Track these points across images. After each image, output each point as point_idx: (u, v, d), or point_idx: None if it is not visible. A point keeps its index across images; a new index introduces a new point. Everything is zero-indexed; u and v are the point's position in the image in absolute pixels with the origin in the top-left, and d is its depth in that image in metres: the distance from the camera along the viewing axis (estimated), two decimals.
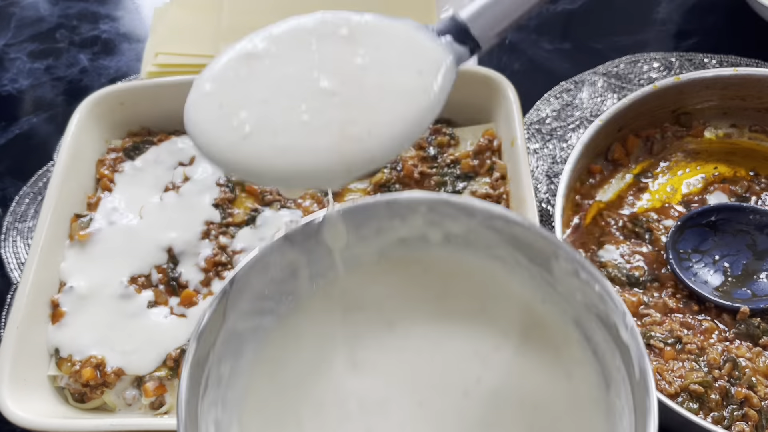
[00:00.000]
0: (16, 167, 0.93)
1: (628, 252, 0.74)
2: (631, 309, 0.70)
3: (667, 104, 0.81)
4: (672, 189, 0.80)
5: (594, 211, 0.79)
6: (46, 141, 0.96)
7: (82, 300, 0.70)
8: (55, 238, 0.73)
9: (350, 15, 0.41)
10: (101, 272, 0.72)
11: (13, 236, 0.86)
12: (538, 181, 0.86)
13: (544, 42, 1.03)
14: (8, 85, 1.03)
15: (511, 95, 0.78)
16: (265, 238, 0.71)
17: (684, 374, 0.64)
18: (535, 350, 0.41)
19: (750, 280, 0.71)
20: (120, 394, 0.67)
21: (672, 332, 0.67)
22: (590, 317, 0.39)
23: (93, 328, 0.69)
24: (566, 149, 0.89)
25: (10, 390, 0.62)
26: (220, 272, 0.71)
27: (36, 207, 0.89)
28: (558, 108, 0.93)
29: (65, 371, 0.67)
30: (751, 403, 0.63)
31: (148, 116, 0.85)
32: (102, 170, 0.80)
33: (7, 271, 0.83)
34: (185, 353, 0.39)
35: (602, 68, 0.97)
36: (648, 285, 0.72)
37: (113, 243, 0.74)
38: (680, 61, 0.97)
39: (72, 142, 0.78)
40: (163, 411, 0.66)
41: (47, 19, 1.13)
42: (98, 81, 1.03)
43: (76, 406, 0.68)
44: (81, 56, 1.07)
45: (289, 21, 0.41)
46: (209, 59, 0.97)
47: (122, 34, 1.10)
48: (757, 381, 0.63)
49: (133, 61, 1.06)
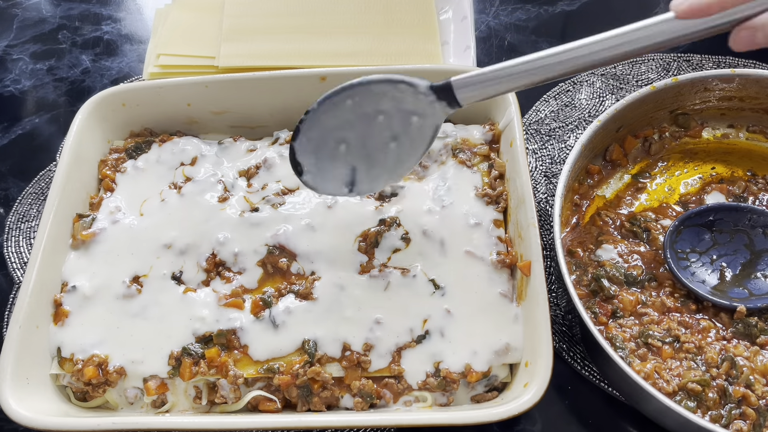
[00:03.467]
0: (18, 167, 0.94)
1: (626, 251, 0.74)
2: (629, 308, 0.70)
3: (665, 105, 0.82)
4: (670, 189, 0.80)
5: (592, 211, 0.79)
6: (48, 141, 0.97)
7: (85, 299, 0.70)
8: (58, 237, 0.73)
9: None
10: (104, 272, 0.72)
11: (15, 236, 0.87)
12: (536, 181, 0.86)
13: (543, 43, 1.03)
14: (11, 85, 1.04)
15: (510, 96, 0.78)
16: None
17: (682, 373, 0.65)
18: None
19: (747, 279, 0.71)
20: (122, 392, 0.67)
21: (670, 331, 0.68)
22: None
23: (96, 327, 0.69)
24: (565, 149, 0.90)
25: (13, 389, 0.63)
26: (221, 272, 0.72)
27: (38, 207, 0.89)
28: (556, 108, 0.94)
29: (67, 370, 0.68)
30: (748, 402, 0.63)
31: (150, 117, 0.86)
32: (104, 170, 0.81)
33: (9, 271, 0.84)
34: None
35: (600, 69, 0.98)
36: (646, 284, 0.72)
37: (115, 242, 0.74)
38: (678, 62, 0.97)
39: (74, 143, 0.79)
40: (164, 409, 0.67)
41: (49, 21, 1.13)
42: (100, 82, 1.04)
43: (78, 405, 0.68)
44: (83, 57, 1.07)
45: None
46: (210, 60, 0.99)
47: (124, 35, 1.11)
48: (755, 380, 0.64)
49: (135, 62, 1.06)
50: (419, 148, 0.62)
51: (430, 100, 0.59)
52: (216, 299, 0.70)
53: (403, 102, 0.60)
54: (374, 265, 0.70)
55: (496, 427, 0.69)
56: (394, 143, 0.62)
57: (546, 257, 0.77)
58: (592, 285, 0.72)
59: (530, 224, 0.68)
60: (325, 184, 0.65)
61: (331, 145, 0.63)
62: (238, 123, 0.87)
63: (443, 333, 0.66)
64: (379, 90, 0.60)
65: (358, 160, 0.63)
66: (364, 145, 0.62)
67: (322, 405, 0.65)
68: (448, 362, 0.65)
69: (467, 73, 0.58)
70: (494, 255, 0.70)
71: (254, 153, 0.82)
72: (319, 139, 0.63)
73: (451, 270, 0.70)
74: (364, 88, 0.60)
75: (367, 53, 0.97)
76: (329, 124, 0.62)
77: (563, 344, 0.73)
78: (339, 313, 0.68)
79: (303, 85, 0.83)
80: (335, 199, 0.75)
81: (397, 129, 0.61)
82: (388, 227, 0.72)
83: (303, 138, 0.63)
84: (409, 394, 0.65)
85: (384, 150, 0.62)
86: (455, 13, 1.02)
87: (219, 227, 0.74)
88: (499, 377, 0.66)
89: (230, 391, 0.66)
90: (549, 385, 0.59)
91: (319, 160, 0.64)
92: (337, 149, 0.63)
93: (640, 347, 0.67)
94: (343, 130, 0.62)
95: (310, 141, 0.63)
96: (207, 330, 0.68)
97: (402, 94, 0.59)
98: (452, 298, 0.68)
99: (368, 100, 0.60)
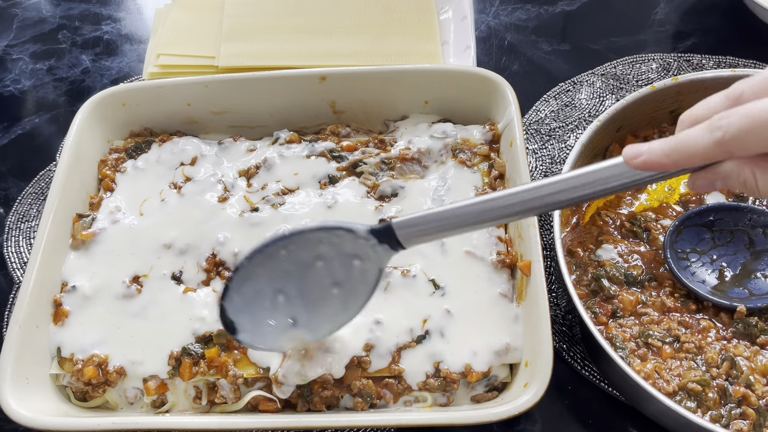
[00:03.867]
0: (18, 167, 0.94)
1: (626, 251, 0.74)
2: (629, 308, 0.70)
3: (665, 105, 0.82)
4: (670, 189, 0.80)
5: (592, 211, 0.79)
6: (48, 141, 0.97)
7: (85, 299, 0.70)
8: (58, 237, 0.73)
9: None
10: (104, 272, 0.72)
11: (15, 236, 0.87)
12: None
13: (543, 43, 1.03)
14: (10, 85, 1.04)
15: (510, 96, 0.78)
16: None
17: (682, 373, 0.65)
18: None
19: (747, 279, 0.71)
20: (122, 392, 0.67)
21: (670, 331, 0.68)
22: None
23: (96, 327, 0.69)
24: (565, 149, 0.90)
25: (13, 389, 0.63)
26: (221, 272, 0.72)
27: (38, 207, 0.89)
28: (557, 108, 0.94)
29: (67, 370, 0.68)
30: (749, 402, 0.63)
31: (150, 117, 0.86)
32: (104, 170, 0.81)
33: (9, 271, 0.84)
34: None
35: (601, 69, 0.98)
36: (646, 284, 0.72)
37: (115, 242, 0.74)
38: (678, 62, 0.97)
39: (74, 143, 0.78)
40: (164, 409, 0.67)
41: (49, 20, 1.13)
42: (100, 82, 1.04)
43: (78, 405, 0.68)
44: (83, 57, 1.07)
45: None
46: (210, 60, 0.99)
47: (124, 35, 1.11)
48: (755, 380, 0.64)
49: (135, 62, 1.06)
50: (364, 292, 0.58)
51: (372, 244, 0.55)
52: (216, 299, 0.70)
53: (342, 246, 0.55)
54: None
55: (496, 427, 0.69)
56: (337, 289, 0.57)
57: (546, 257, 0.77)
58: (592, 285, 0.72)
59: (530, 224, 0.68)
60: (264, 339, 0.60)
61: (268, 298, 0.58)
62: (238, 123, 0.87)
63: (443, 333, 0.66)
64: (315, 237, 0.55)
65: (299, 310, 0.58)
66: (304, 293, 0.57)
67: (322, 405, 0.65)
68: (448, 362, 0.65)
69: (408, 215, 0.54)
70: (494, 255, 0.70)
71: (254, 153, 0.82)
72: (254, 294, 0.58)
73: (451, 270, 0.70)
74: (298, 237, 0.55)
75: (366, 53, 0.97)
76: (263, 276, 0.57)
77: (563, 344, 0.73)
78: None
79: (303, 85, 0.83)
80: (335, 199, 0.75)
81: (338, 274, 0.56)
82: None
83: (234, 296, 0.57)
84: (409, 395, 0.65)
85: (326, 297, 0.58)
86: (455, 13, 1.02)
87: (219, 227, 0.74)
88: (499, 377, 0.66)
89: (230, 391, 0.66)
90: (549, 385, 0.59)
91: (255, 316, 0.59)
92: (275, 300, 0.58)
93: (640, 347, 0.67)
94: (279, 280, 0.57)
95: (242, 297, 0.58)
96: (207, 330, 0.68)
97: (340, 239, 0.55)
98: (452, 298, 0.68)
99: (304, 247, 0.56)
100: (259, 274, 0.57)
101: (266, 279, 0.57)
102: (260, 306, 0.58)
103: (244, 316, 0.58)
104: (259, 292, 0.58)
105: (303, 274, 0.57)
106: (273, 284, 0.57)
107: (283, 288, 0.57)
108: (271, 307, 0.58)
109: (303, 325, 0.59)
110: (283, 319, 0.59)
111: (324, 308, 0.58)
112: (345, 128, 0.84)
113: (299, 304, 0.58)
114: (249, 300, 0.58)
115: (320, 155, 0.80)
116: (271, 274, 0.57)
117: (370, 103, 0.85)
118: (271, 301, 0.58)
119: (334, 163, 0.79)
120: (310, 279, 0.57)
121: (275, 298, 0.58)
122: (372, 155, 0.79)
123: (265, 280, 0.57)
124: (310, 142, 0.82)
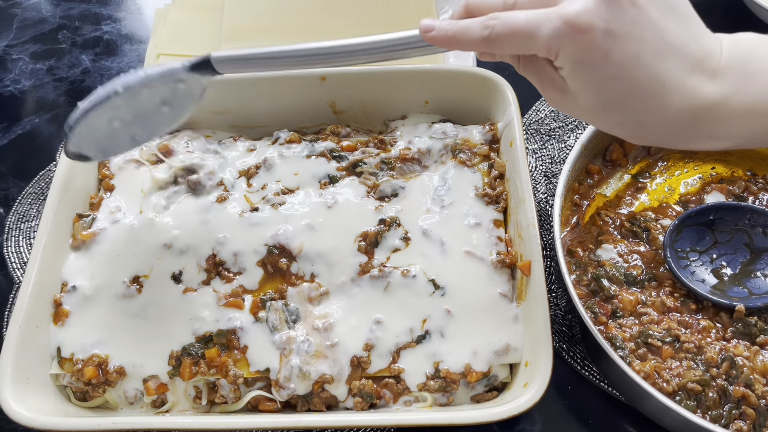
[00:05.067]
0: (18, 167, 0.94)
1: (626, 251, 0.74)
2: (629, 308, 0.70)
3: None
4: (670, 189, 0.80)
5: (592, 211, 0.79)
6: (48, 141, 0.97)
7: (85, 299, 0.70)
8: (58, 237, 0.73)
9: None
10: (104, 272, 0.72)
11: (15, 236, 0.87)
12: (536, 181, 0.86)
13: None
14: (10, 85, 1.04)
15: (510, 96, 0.78)
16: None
17: (682, 373, 0.65)
18: None
19: (747, 278, 0.71)
20: (122, 392, 0.67)
21: (670, 331, 0.68)
22: None
23: (96, 327, 0.69)
24: (565, 149, 0.90)
25: (12, 389, 0.63)
26: (221, 272, 0.72)
27: (38, 207, 0.89)
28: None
29: (67, 370, 0.68)
30: (748, 402, 0.63)
31: None
32: (104, 170, 0.81)
33: (9, 271, 0.84)
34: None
35: None
36: (646, 284, 0.72)
37: (115, 242, 0.74)
38: None
39: None
40: (164, 409, 0.67)
41: (49, 20, 1.13)
42: (100, 82, 1.03)
43: (78, 405, 0.68)
44: (83, 57, 1.07)
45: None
46: None
47: (124, 35, 1.11)
48: (754, 379, 0.64)
49: (135, 62, 1.06)
50: (190, 103, 0.66)
51: (191, 73, 0.64)
52: (216, 299, 0.70)
53: (166, 79, 0.64)
54: (374, 265, 0.70)
55: (496, 427, 0.69)
56: (166, 107, 0.66)
57: (546, 257, 0.77)
58: (592, 285, 0.72)
59: (530, 224, 0.68)
60: (113, 151, 0.70)
61: (106, 128, 0.66)
62: (238, 123, 0.87)
63: (443, 333, 0.66)
64: (140, 84, 0.63)
65: (136, 128, 0.67)
66: (138, 115, 0.66)
67: (322, 405, 0.65)
68: (448, 362, 0.65)
69: (227, 52, 0.62)
70: (494, 255, 0.70)
71: (254, 153, 0.82)
72: (92, 129, 0.65)
73: (451, 270, 0.70)
74: (125, 92, 0.63)
75: None
76: (100, 118, 0.64)
77: (563, 344, 0.73)
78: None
79: (303, 85, 0.83)
80: (335, 198, 0.75)
81: (165, 95, 0.65)
82: (388, 227, 0.72)
83: (73, 138, 0.66)
84: (409, 395, 0.66)
85: (158, 113, 0.66)
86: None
87: (219, 227, 0.74)
88: (499, 377, 0.66)
89: (230, 391, 0.66)
90: (549, 385, 0.59)
91: (99, 142, 0.67)
92: (113, 127, 0.66)
93: (640, 347, 0.67)
94: (113, 115, 0.65)
95: (83, 136, 0.66)
96: (207, 330, 0.68)
97: (165, 78, 0.63)
98: (452, 298, 0.68)
99: (132, 91, 0.63)
100: (95, 119, 0.64)
101: (102, 120, 0.65)
102: (102, 134, 0.66)
103: (91, 149, 0.68)
104: (96, 127, 0.65)
105: (133, 102, 0.64)
106: (109, 116, 0.65)
107: (118, 117, 0.65)
108: (112, 133, 0.67)
109: (143, 137, 0.68)
110: (125, 138, 0.67)
111: (158, 121, 0.67)
112: (345, 128, 0.84)
113: (136, 123, 0.66)
114: (91, 134, 0.66)
115: (320, 155, 0.80)
116: (107, 115, 0.65)
117: (370, 103, 0.85)
118: (110, 128, 0.66)
119: (334, 163, 0.79)
120: (141, 103, 0.65)
121: (112, 125, 0.66)
122: (372, 155, 0.80)
123: (102, 121, 0.65)
124: (310, 142, 0.82)
